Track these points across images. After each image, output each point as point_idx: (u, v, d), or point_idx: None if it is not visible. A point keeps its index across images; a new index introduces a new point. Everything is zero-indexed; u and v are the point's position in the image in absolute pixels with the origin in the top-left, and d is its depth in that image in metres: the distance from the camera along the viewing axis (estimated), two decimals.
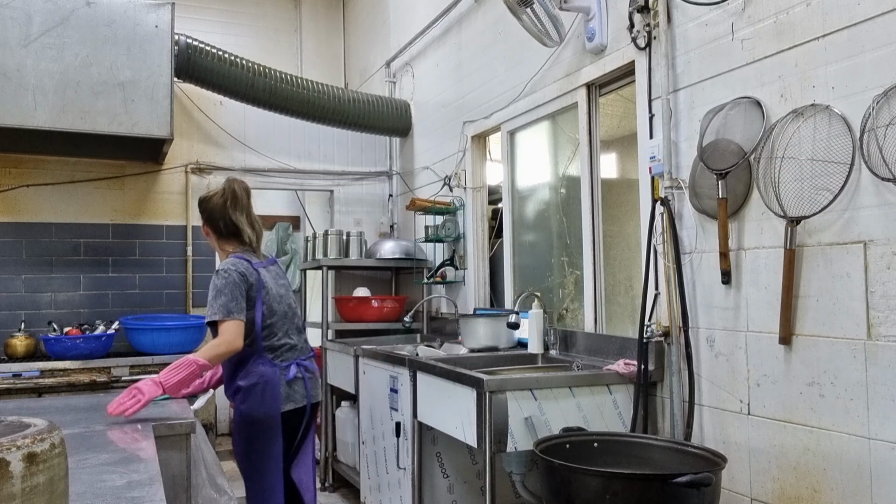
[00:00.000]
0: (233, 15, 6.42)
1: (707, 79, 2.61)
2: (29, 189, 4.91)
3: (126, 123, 4.30)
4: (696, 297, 2.64)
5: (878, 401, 2.00)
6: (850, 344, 2.08)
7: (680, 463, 2.29)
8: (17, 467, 0.91)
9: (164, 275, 5.27)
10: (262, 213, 6.66)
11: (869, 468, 2.03)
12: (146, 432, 2.06)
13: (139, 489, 1.45)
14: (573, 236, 3.52)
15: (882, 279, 2.00)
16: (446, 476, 3.42)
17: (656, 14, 2.78)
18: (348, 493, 4.50)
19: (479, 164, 4.49)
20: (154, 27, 4.38)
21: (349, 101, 5.19)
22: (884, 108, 1.98)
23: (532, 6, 3.11)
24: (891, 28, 1.98)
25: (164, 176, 5.31)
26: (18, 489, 0.90)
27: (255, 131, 5.60)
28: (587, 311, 3.32)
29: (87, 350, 4.51)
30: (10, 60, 4.07)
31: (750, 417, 2.41)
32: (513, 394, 2.57)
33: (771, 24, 2.34)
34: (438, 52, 4.89)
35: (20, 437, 0.95)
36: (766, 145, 2.34)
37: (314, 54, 6.73)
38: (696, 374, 2.62)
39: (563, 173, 3.71)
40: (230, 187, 2.94)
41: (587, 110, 3.33)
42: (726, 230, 2.46)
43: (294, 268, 6.67)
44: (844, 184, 2.08)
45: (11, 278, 4.86)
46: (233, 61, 4.79)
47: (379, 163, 5.96)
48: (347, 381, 4.22)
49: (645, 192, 2.90)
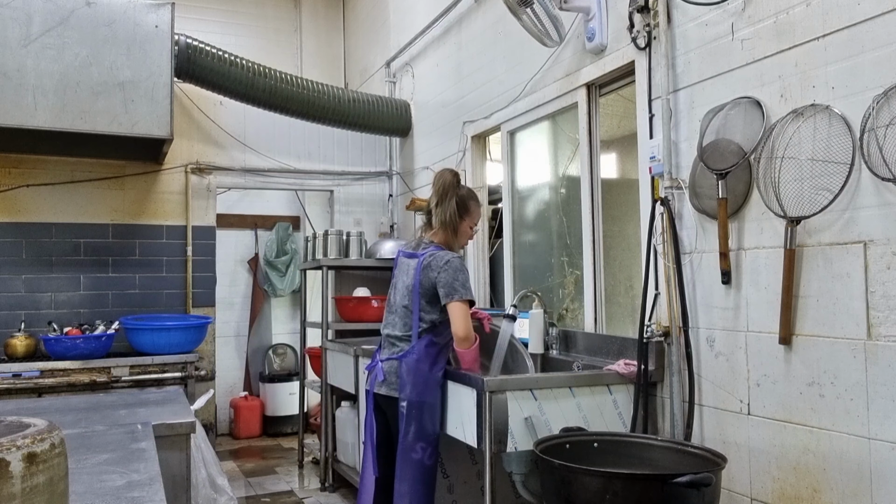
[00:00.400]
0: (233, 15, 6.43)
1: (707, 79, 2.61)
2: (29, 189, 4.91)
3: (126, 123, 4.30)
4: (696, 297, 2.64)
5: (878, 401, 2.00)
6: (850, 344, 2.08)
7: (680, 463, 2.28)
8: (17, 467, 0.91)
9: (164, 275, 5.27)
10: (262, 213, 6.80)
11: (869, 468, 2.03)
12: (146, 432, 2.06)
13: (139, 489, 1.45)
14: (573, 236, 3.52)
15: (882, 279, 2.00)
16: (446, 476, 3.42)
17: (656, 14, 2.78)
18: (348, 493, 4.50)
19: (479, 164, 4.49)
20: (154, 27, 4.38)
21: (349, 101, 5.19)
22: (884, 108, 1.98)
23: (532, 6, 3.11)
24: (891, 28, 1.98)
25: (164, 176, 5.31)
26: (18, 489, 0.90)
27: (255, 131, 5.61)
28: (587, 311, 3.32)
29: (87, 350, 4.51)
30: (10, 60, 4.07)
31: (750, 417, 2.41)
32: (513, 394, 2.57)
33: (771, 24, 2.34)
34: (438, 52, 4.89)
35: (20, 437, 0.95)
36: (766, 145, 2.34)
37: (314, 54, 6.73)
38: (696, 374, 2.62)
39: (563, 173, 3.71)
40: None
41: (587, 110, 3.33)
42: (726, 230, 2.46)
43: (294, 268, 6.67)
44: (844, 184, 2.08)
45: (11, 278, 4.86)
46: (233, 61, 4.79)
47: (379, 163, 5.96)
48: (347, 381, 4.22)
49: (645, 192, 2.90)
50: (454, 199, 2.92)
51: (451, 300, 2.78)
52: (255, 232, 6.79)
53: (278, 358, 6.65)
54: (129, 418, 2.27)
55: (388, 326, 3.00)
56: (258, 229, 6.79)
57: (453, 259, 2.86)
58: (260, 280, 6.70)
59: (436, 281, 2.82)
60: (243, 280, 6.76)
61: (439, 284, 2.81)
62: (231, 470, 5.15)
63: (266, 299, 6.76)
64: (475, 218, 3.03)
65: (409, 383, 2.82)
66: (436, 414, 2.85)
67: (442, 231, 2.95)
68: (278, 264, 6.64)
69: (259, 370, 6.63)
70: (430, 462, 2.83)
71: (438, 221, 2.94)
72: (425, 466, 2.82)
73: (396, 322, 2.96)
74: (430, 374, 2.83)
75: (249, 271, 6.77)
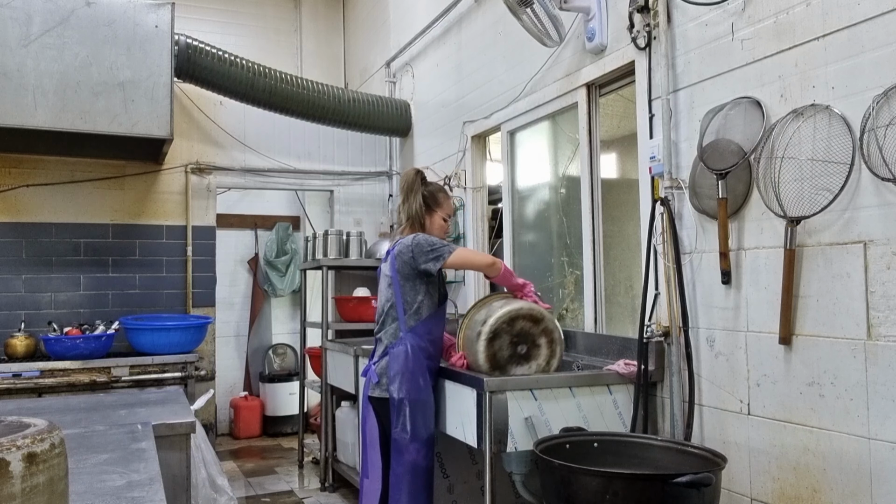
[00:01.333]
0: (233, 15, 6.43)
1: (707, 79, 2.61)
2: (29, 189, 4.91)
3: (126, 123, 4.30)
4: (696, 297, 2.64)
5: (878, 401, 2.00)
6: (850, 344, 2.08)
7: (680, 463, 2.28)
8: (17, 467, 0.90)
9: (164, 275, 5.27)
10: (262, 213, 6.80)
11: (869, 468, 2.03)
12: (146, 432, 2.06)
13: (139, 489, 1.45)
14: (573, 236, 3.52)
15: (882, 279, 2.00)
16: (446, 476, 3.42)
17: (656, 14, 2.78)
18: (348, 493, 4.50)
19: (479, 164, 4.49)
20: (154, 27, 4.38)
21: (349, 101, 5.19)
22: (884, 108, 1.98)
23: (532, 6, 3.11)
24: (891, 28, 1.98)
25: (164, 176, 5.31)
26: (18, 489, 0.90)
27: (255, 131, 5.61)
28: (587, 311, 3.32)
29: (87, 350, 4.51)
30: (10, 60, 4.07)
31: (750, 417, 2.41)
32: (513, 394, 2.57)
33: (771, 24, 2.34)
34: (438, 52, 4.89)
35: (20, 437, 0.95)
36: (766, 145, 2.34)
37: (314, 54, 6.73)
38: (696, 374, 2.61)
39: (563, 173, 3.71)
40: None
41: (587, 110, 3.33)
42: (726, 230, 2.46)
43: (294, 268, 6.67)
44: (844, 184, 2.08)
45: (11, 278, 4.86)
46: (233, 61, 4.79)
47: (379, 163, 5.96)
48: (347, 381, 4.22)
49: (645, 192, 2.90)
50: (420, 194, 2.99)
51: (446, 258, 2.83)
52: (255, 232, 6.79)
53: (278, 358, 6.65)
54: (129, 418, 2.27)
55: (379, 332, 3.02)
56: (258, 229, 6.79)
57: (418, 234, 2.90)
58: (260, 280, 6.70)
59: (412, 260, 2.85)
60: (243, 280, 6.76)
61: (419, 259, 2.84)
62: (231, 470, 5.15)
63: (266, 299, 6.76)
64: (447, 210, 3.07)
65: (397, 378, 2.80)
66: (428, 413, 2.82)
67: (409, 227, 3.00)
68: (278, 264, 6.64)
69: (259, 370, 6.63)
70: (426, 463, 2.80)
71: (406, 216, 3.01)
72: (419, 468, 2.78)
73: (385, 322, 2.97)
74: (418, 369, 2.81)
75: (249, 271, 6.77)
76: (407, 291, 2.88)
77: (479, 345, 2.69)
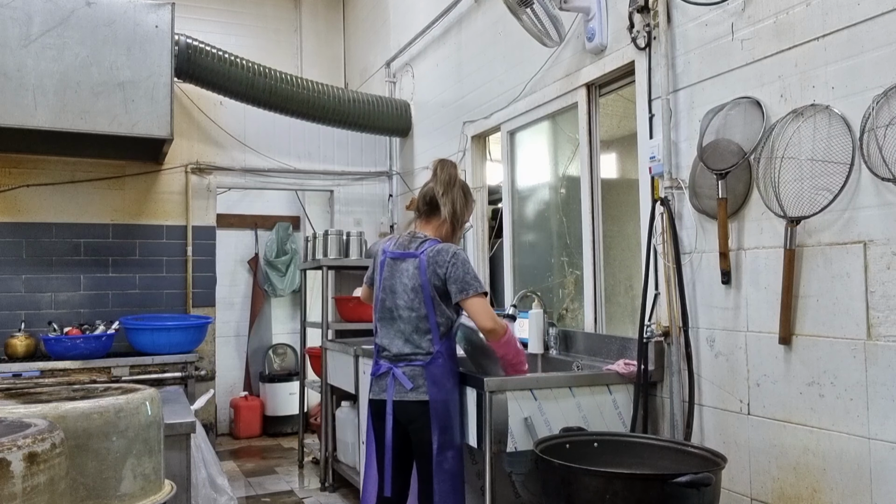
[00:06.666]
0: (233, 15, 6.43)
1: (707, 79, 2.61)
2: (29, 189, 4.92)
3: (126, 123, 4.30)
4: (696, 297, 2.64)
5: (878, 401, 2.00)
6: (850, 344, 2.08)
7: (680, 463, 2.28)
8: (17, 467, 0.91)
9: (164, 275, 5.27)
10: (262, 213, 6.79)
11: (869, 468, 2.03)
12: None
13: None
14: (573, 236, 3.52)
15: (882, 279, 2.00)
16: None
17: (656, 14, 2.78)
18: (348, 492, 4.50)
19: (479, 164, 4.49)
20: (154, 27, 4.38)
21: (349, 101, 5.19)
22: (884, 108, 1.98)
23: (532, 6, 3.11)
24: (891, 28, 1.98)
25: (164, 176, 5.31)
26: (19, 489, 0.90)
27: (255, 131, 5.61)
28: (587, 311, 3.32)
29: (87, 350, 4.51)
30: (10, 60, 4.07)
31: (750, 417, 2.42)
32: (513, 394, 2.57)
33: (771, 25, 2.34)
34: (438, 52, 4.89)
35: (21, 436, 0.95)
36: (766, 145, 2.34)
37: (314, 54, 6.73)
38: (696, 374, 2.62)
39: (563, 173, 3.71)
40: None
41: (587, 110, 3.33)
42: (726, 230, 2.46)
43: (294, 268, 6.68)
44: (844, 184, 2.08)
45: (11, 278, 4.86)
46: (233, 61, 4.79)
47: (379, 163, 5.97)
48: (347, 381, 4.22)
49: (645, 192, 2.90)
50: (461, 190, 2.75)
51: (467, 296, 2.55)
52: (255, 232, 6.79)
53: (278, 358, 6.65)
54: None
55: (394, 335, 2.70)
56: (258, 229, 6.79)
57: (459, 252, 2.63)
58: (260, 280, 6.70)
59: (446, 277, 2.58)
60: (243, 280, 6.76)
61: (450, 281, 2.58)
62: (231, 470, 5.15)
63: (266, 299, 6.76)
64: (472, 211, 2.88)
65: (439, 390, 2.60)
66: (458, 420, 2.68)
67: (442, 224, 2.74)
68: (278, 264, 6.64)
69: (259, 370, 6.63)
70: (459, 469, 2.65)
71: (448, 211, 2.70)
72: (454, 475, 2.62)
73: (404, 329, 2.66)
74: (454, 381, 2.67)
75: (249, 271, 6.78)
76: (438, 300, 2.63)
77: None
